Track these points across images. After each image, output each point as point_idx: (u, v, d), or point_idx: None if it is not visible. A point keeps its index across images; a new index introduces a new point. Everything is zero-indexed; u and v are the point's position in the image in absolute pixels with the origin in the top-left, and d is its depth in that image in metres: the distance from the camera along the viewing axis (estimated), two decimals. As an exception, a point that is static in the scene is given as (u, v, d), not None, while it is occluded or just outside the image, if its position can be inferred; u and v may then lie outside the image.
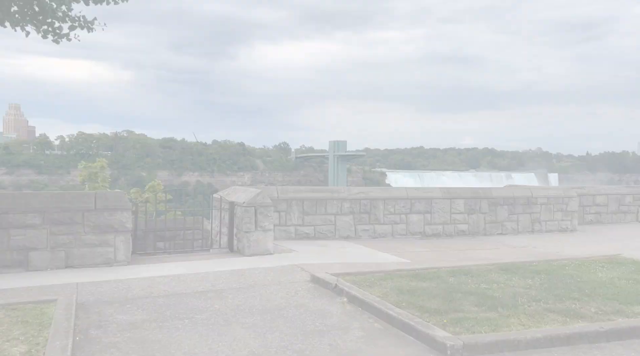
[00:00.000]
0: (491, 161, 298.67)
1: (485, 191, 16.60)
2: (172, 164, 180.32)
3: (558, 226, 17.55)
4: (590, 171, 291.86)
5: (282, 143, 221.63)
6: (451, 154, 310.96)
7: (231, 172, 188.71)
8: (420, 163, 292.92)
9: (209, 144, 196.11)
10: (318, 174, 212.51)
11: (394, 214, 15.20)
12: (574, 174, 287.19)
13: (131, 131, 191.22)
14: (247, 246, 11.16)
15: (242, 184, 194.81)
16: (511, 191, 16.98)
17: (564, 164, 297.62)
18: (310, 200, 14.21)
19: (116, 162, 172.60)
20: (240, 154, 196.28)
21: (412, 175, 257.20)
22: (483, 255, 12.51)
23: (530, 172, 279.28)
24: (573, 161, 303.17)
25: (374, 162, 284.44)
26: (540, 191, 17.41)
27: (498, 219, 16.65)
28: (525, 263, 10.55)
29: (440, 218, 15.78)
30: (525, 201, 17.06)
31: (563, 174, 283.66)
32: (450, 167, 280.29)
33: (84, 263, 9.64)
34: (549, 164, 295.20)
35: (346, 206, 14.62)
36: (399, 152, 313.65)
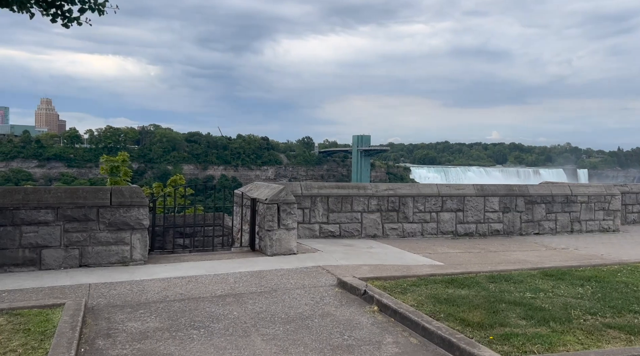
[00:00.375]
0: (518, 156, 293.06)
1: (521, 189, 15.65)
2: (198, 158, 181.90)
3: (599, 226, 16.48)
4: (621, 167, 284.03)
5: (306, 138, 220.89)
6: (477, 149, 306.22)
7: (255, 166, 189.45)
8: (445, 158, 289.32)
9: (233, 139, 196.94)
10: (341, 169, 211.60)
11: (424, 212, 14.41)
12: (605, 170, 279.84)
13: (157, 125, 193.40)
14: (269, 245, 10.55)
15: (266, 179, 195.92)
16: (549, 188, 15.98)
17: (593, 159, 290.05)
18: (335, 197, 13.53)
19: (143, 156, 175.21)
20: (264, 148, 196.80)
21: (437, 170, 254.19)
22: (522, 258, 11.65)
23: (559, 168, 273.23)
24: (604, 157, 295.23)
25: (398, 157, 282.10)
26: (579, 188, 16.36)
27: (535, 218, 15.69)
28: (571, 268, 9.68)
29: (473, 216, 14.92)
30: (564, 199, 16.05)
31: (593, 170, 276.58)
32: (476, 163, 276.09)
33: (99, 261, 9.17)
34: (578, 160, 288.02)
35: (373, 203, 13.89)
36: (423, 147, 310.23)
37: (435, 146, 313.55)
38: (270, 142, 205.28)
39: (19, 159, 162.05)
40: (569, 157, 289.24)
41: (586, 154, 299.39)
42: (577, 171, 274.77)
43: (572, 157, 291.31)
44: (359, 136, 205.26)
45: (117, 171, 17.99)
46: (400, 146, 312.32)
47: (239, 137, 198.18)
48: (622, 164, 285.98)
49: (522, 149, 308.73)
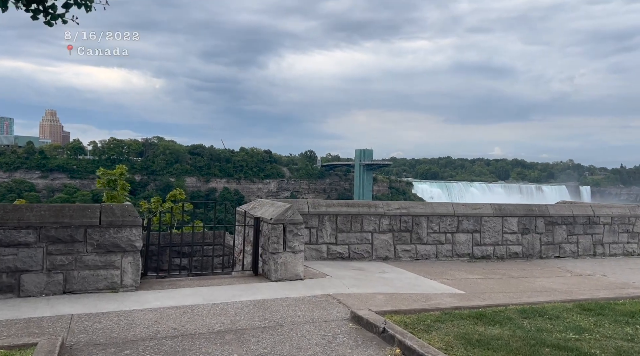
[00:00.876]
0: (521, 172, 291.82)
1: (540, 209, 14.72)
2: (200, 171, 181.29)
3: (623, 249, 15.52)
4: (624, 184, 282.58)
5: (308, 151, 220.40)
6: (479, 164, 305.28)
7: (257, 179, 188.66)
8: (447, 173, 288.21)
9: (236, 152, 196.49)
10: (344, 183, 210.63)
11: (439, 232, 13.49)
12: (608, 187, 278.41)
13: (161, 138, 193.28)
14: (273, 270, 9.63)
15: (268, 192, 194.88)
16: (569, 208, 15.06)
17: (596, 177, 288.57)
18: (344, 216, 12.63)
19: (146, 168, 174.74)
20: (267, 161, 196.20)
21: (440, 185, 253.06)
22: (548, 285, 10.69)
23: (562, 185, 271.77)
24: (606, 174, 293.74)
25: (400, 171, 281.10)
26: (602, 209, 15.43)
27: (555, 240, 14.74)
28: (609, 301, 8.73)
29: (490, 238, 13.99)
30: (585, 220, 15.11)
31: (595, 188, 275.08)
32: (479, 178, 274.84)
33: (85, 287, 8.26)
34: (580, 177, 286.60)
35: (385, 223, 12.98)
36: (425, 162, 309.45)
37: (437, 161, 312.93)
38: (273, 155, 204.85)
39: (22, 170, 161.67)
40: (571, 174, 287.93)
41: (589, 172, 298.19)
42: (579, 188, 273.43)
43: (574, 174, 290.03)
44: (362, 150, 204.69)
45: (114, 184, 17.12)
46: (402, 161, 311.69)
47: (241, 150, 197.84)
48: (624, 181, 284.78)
49: (525, 165, 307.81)
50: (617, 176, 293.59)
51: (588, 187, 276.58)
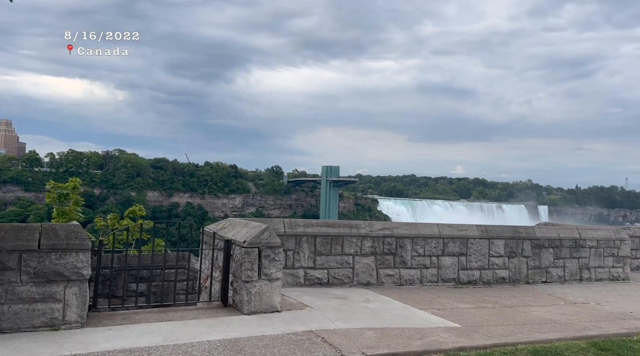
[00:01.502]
0: (482, 191, 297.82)
1: (527, 231, 13.98)
2: (163, 185, 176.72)
3: (609, 274, 14.93)
4: (579, 204, 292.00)
5: (275, 167, 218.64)
6: (442, 183, 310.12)
7: (222, 194, 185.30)
8: (411, 191, 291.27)
9: (200, 166, 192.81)
10: (310, 199, 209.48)
11: (424, 256, 12.51)
12: (564, 207, 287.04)
13: (123, 151, 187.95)
14: (246, 301, 8.38)
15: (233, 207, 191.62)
16: (556, 231, 14.38)
17: (553, 197, 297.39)
18: (323, 237, 11.49)
19: (106, 181, 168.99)
20: (232, 176, 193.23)
21: (404, 203, 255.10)
22: (546, 316, 9.82)
23: (521, 204, 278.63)
24: (563, 195, 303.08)
25: (366, 188, 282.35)
26: (588, 232, 14.82)
27: (542, 264, 14.00)
28: (621, 337, 7.88)
29: (477, 261, 13.11)
30: (572, 243, 14.46)
31: (553, 207, 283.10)
32: (442, 197, 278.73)
33: (18, 325, 6.82)
34: (539, 197, 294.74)
35: (367, 245, 11.91)
36: (390, 179, 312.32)
37: (402, 179, 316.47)
38: (239, 170, 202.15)
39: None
40: (530, 194, 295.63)
41: (546, 191, 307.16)
42: (538, 207, 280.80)
43: (533, 193, 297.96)
44: (328, 167, 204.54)
45: (66, 199, 15.47)
46: (368, 178, 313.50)
47: (206, 164, 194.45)
48: (579, 202, 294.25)
49: (486, 184, 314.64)
50: (573, 196, 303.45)
51: (546, 206, 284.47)
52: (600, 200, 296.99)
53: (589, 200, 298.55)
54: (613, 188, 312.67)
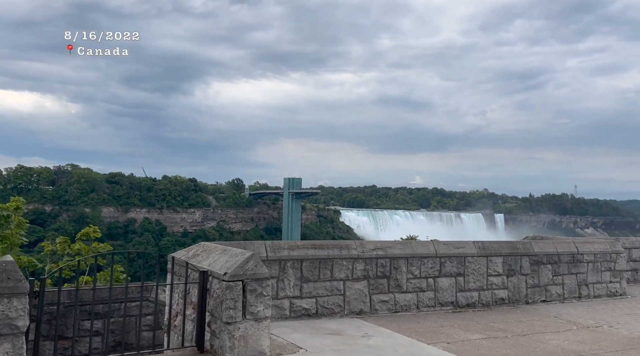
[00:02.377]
0: (440, 200, 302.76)
1: (525, 247, 12.97)
2: (119, 200, 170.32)
3: (607, 289, 14.10)
4: (533, 212, 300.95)
5: (236, 179, 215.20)
6: (402, 193, 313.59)
7: (181, 208, 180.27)
8: (373, 202, 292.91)
9: (158, 180, 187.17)
10: (272, 212, 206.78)
11: (420, 278, 11.26)
12: (519, 214, 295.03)
13: (76, 165, 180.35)
14: (228, 347, 6.85)
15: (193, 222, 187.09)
16: (553, 245, 13.45)
17: (509, 205, 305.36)
18: (311, 260, 10.07)
19: (58, 198, 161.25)
20: (192, 190, 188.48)
21: (366, 213, 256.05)
22: (566, 346, 8.71)
23: (478, 213, 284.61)
24: (517, 203, 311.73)
25: (328, 200, 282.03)
26: (585, 245, 13.98)
27: (541, 282, 13.02)
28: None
29: (475, 282, 11.97)
30: (570, 258, 13.56)
31: (508, 215, 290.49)
32: (402, 206, 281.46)
33: None
34: (495, 205, 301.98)
35: (359, 268, 10.56)
36: (352, 190, 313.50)
37: (363, 189, 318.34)
38: (199, 183, 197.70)
39: None
40: (486, 203, 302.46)
41: (502, 200, 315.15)
42: (494, 215, 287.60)
43: (489, 202, 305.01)
44: (290, 179, 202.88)
45: (6, 222, 13.46)
46: (330, 190, 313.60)
47: (164, 178, 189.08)
48: (533, 209, 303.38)
49: (444, 194, 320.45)
50: (527, 204, 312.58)
51: (502, 215, 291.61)
52: (552, 207, 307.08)
53: (542, 207, 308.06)
54: (564, 196, 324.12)
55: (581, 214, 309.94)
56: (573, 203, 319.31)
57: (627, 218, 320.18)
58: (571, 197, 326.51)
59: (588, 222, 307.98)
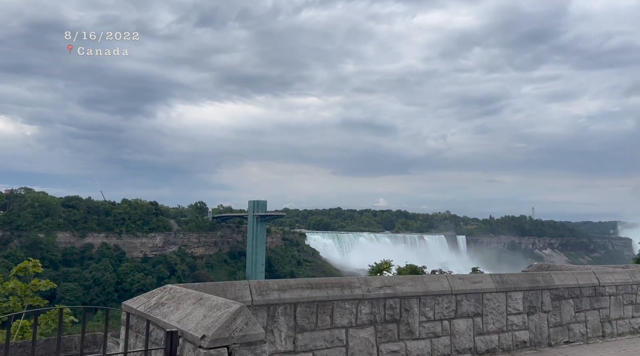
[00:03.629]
0: (404, 222, 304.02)
1: (545, 279, 11.26)
2: (75, 225, 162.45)
3: (630, 326, 12.54)
4: (493, 233, 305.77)
5: (199, 203, 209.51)
6: (367, 215, 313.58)
7: (141, 233, 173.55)
8: (338, 224, 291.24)
9: (117, 204, 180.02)
10: (236, 235, 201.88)
11: (434, 320, 9.34)
12: (480, 236, 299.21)
13: (30, 189, 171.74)
14: None
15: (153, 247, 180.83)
16: (574, 277, 11.81)
17: (470, 227, 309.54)
18: (306, 304, 8.01)
19: (9, 223, 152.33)
20: (153, 214, 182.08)
21: (331, 236, 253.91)
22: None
23: (441, 235, 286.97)
24: (478, 224, 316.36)
25: (294, 222, 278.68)
26: (606, 276, 12.42)
27: (563, 320, 11.31)
28: None
29: (495, 323, 10.13)
30: (591, 291, 11.95)
31: (470, 237, 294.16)
32: (367, 229, 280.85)
33: None
34: (457, 227, 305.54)
35: (364, 311, 8.56)
36: (317, 213, 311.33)
37: (328, 212, 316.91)
38: (160, 207, 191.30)
39: None
40: (448, 224, 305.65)
41: (463, 222, 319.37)
42: (456, 237, 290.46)
43: (451, 224, 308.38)
44: (255, 202, 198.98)
45: None
46: (295, 212, 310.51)
47: (124, 201, 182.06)
48: (494, 231, 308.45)
49: (407, 216, 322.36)
50: (488, 226, 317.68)
51: (464, 236, 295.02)
52: (511, 229, 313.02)
53: (501, 229, 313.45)
54: (522, 217, 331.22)
55: (539, 236, 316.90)
56: (531, 224, 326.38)
57: (582, 239, 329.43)
58: (529, 219, 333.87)
59: (546, 243, 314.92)
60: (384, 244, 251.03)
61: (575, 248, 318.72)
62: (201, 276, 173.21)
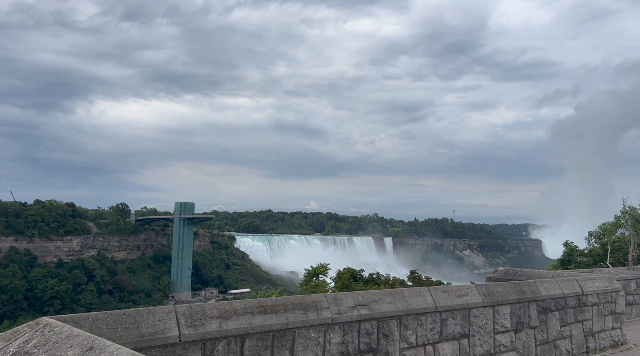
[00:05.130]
0: (334, 225, 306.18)
1: (532, 289, 9.62)
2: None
3: (610, 338, 11.27)
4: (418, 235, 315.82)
5: (121, 204, 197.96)
6: (298, 217, 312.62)
7: (56, 236, 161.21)
8: (268, 227, 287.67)
9: (29, 205, 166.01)
10: (161, 239, 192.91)
11: (416, 346, 7.34)
12: (405, 238, 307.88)
13: None
14: None
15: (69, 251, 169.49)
16: (558, 285, 10.29)
17: (396, 229, 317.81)
18: (258, 336, 5.71)
19: None
20: (69, 216, 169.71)
21: (262, 238, 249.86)
22: None
23: (369, 236, 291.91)
24: (404, 226, 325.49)
25: (223, 225, 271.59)
26: (587, 283, 11.03)
27: (550, 336, 9.75)
28: None
29: (482, 344, 8.32)
30: (575, 301, 10.52)
31: (396, 238, 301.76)
32: (298, 231, 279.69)
33: None
34: (384, 229, 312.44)
35: (334, 340, 6.38)
36: (248, 215, 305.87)
37: (259, 214, 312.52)
38: (77, 209, 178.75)
39: None
40: (376, 226, 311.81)
41: (390, 224, 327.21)
42: (383, 239, 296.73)
43: (379, 226, 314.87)
44: (182, 204, 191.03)
45: None
46: (224, 214, 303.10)
47: (37, 203, 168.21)
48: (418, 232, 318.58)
49: (337, 218, 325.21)
50: (413, 228, 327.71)
51: (390, 238, 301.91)
52: (435, 231, 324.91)
53: (425, 231, 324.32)
54: (445, 220, 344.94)
55: (459, 237, 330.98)
56: (452, 226, 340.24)
57: (498, 241, 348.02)
58: (451, 221, 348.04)
59: (466, 244, 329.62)
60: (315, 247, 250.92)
61: (492, 249, 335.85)
62: (122, 282, 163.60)
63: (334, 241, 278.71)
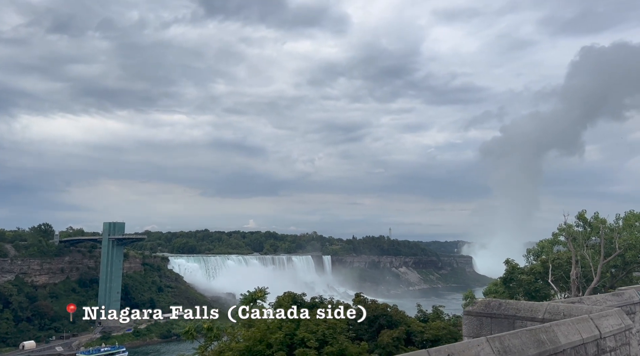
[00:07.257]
0: (273, 244, 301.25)
1: (550, 337, 7.25)
2: None
3: (627, 389, 9.14)
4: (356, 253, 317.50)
5: (44, 224, 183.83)
6: (236, 237, 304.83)
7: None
8: (204, 247, 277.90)
9: None
10: (88, 261, 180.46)
11: None
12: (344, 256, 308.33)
13: None
14: None
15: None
16: (575, 328, 8.01)
17: (335, 247, 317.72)
18: None
19: None
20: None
21: (197, 259, 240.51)
22: None
23: (308, 255, 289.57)
24: (342, 245, 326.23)
25: (155, 246, 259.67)
26: (602, 321, 8.85)
27: (573, 398, 7.41)
28: None
29: None
30: (595, 349, 8.29)
31: (335, 257, 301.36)
32: (235, 251, 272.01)
33: None
34: (323, 247, 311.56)
35: None
36: (182, 235, 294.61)
37: (194, 234, 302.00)
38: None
39: None
40: (315, 245, 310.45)
41: (329, 242, 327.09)
42: (322, 257, 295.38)
43: (318, 244, 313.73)
44: (111, 224, 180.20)
45: None
46: (157, 235, 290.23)
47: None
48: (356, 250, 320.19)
49: (276, 237, 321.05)
50: (351, 246, 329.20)
51: (329, 256, 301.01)
52: (372, 249, 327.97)
53: (363, 249, 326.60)
54: (381, 238, 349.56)
55: (395, 255, 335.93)
56: (389, 244, 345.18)
57: (432, 257, 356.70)
58: (387, 239, 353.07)
59: (401, 261, 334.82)
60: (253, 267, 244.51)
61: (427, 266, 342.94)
62: (42, 308, 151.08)
63: (273, 260, 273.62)
